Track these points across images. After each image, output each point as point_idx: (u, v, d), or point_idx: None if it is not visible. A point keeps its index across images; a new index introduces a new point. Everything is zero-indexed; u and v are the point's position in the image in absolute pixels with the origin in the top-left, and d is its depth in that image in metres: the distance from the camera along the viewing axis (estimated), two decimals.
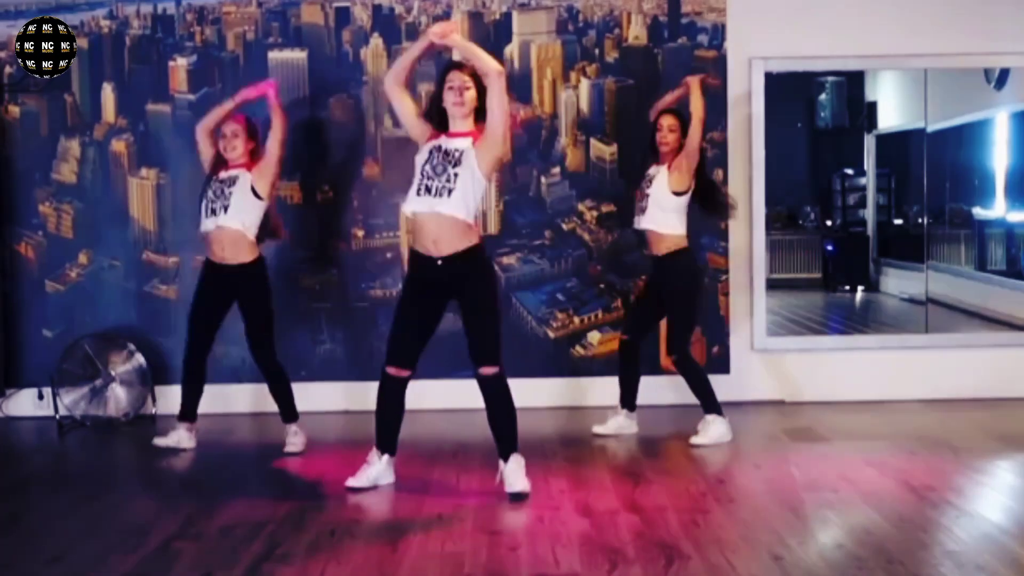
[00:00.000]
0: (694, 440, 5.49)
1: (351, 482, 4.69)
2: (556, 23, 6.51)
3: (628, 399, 5.75)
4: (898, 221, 8.96)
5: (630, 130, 6.48)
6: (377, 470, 4.72)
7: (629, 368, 5.75)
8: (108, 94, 6.50)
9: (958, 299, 7.96)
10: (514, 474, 4.54)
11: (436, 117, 4.68)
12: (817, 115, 9.25)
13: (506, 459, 4.57)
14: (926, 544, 3.91)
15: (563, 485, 4.74)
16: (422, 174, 4.58)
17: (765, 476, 4.99)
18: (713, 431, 5.50)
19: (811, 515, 4.35)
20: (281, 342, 5.66)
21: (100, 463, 5.67)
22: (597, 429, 5.70)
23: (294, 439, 5.51)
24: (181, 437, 5.61)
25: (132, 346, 6.27)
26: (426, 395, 6.23)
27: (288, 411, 5.55)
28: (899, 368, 6.58)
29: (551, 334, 6.44)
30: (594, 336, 6.50)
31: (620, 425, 5.70)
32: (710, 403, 5.55)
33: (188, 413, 5.64)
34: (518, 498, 4.48)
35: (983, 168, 8.29)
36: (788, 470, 5.07)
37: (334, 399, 6.44)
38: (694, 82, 5.67)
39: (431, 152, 4.61)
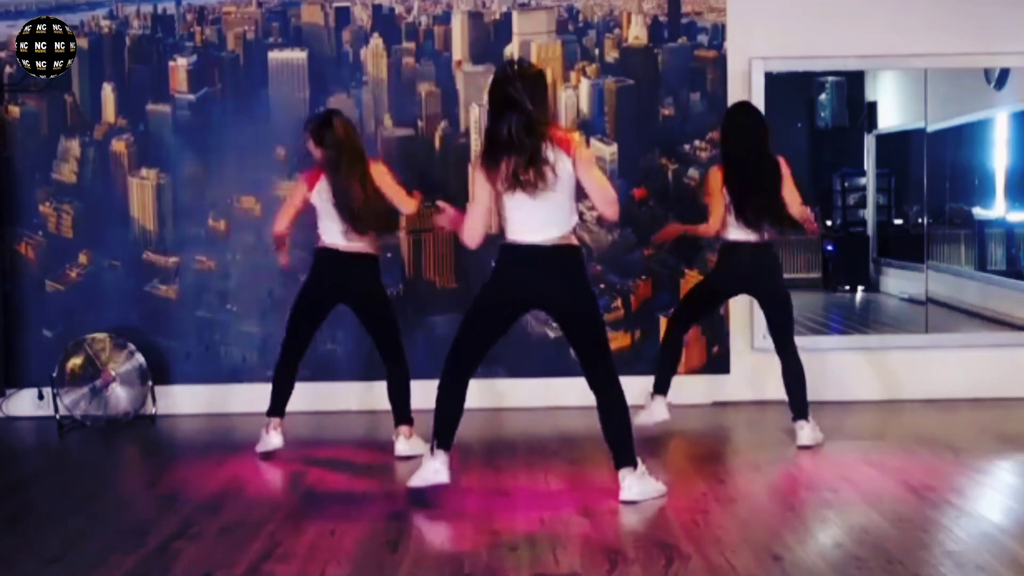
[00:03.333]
0: (639, 417, 5.45)
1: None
2: (556, 23, 6.51)
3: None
4: (898, 221, 8.95)
5: (630, 130, 6.49)
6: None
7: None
8: (108, 94, 6.50)
9: (958, 299, 7.96)
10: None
11: None
12: (817, 115, 9.24)
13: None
14: (926, 544, 3.91)
15: (563, 485, 4.74)
16: None
17: (765, 476, 4.99)
18: (650, 411, 5.52)
19: (811, 515, 4.35)
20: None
21: (100, 463, 5.67)
22: None
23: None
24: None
25: (132, 346, 6.26)
26: (426, 396, 6.25)
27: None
28: (899, 368, 6.58)
29: (551, 334, 6.43)
30: None
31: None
32: (658, 384, 5.58)
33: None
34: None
35: (983, 168, 8.28)
36: (788, 470, 5.08)
37: (334, 399, 6.44)
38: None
39: None
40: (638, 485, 4.44)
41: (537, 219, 4.30)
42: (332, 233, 5.23)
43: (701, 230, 5.63)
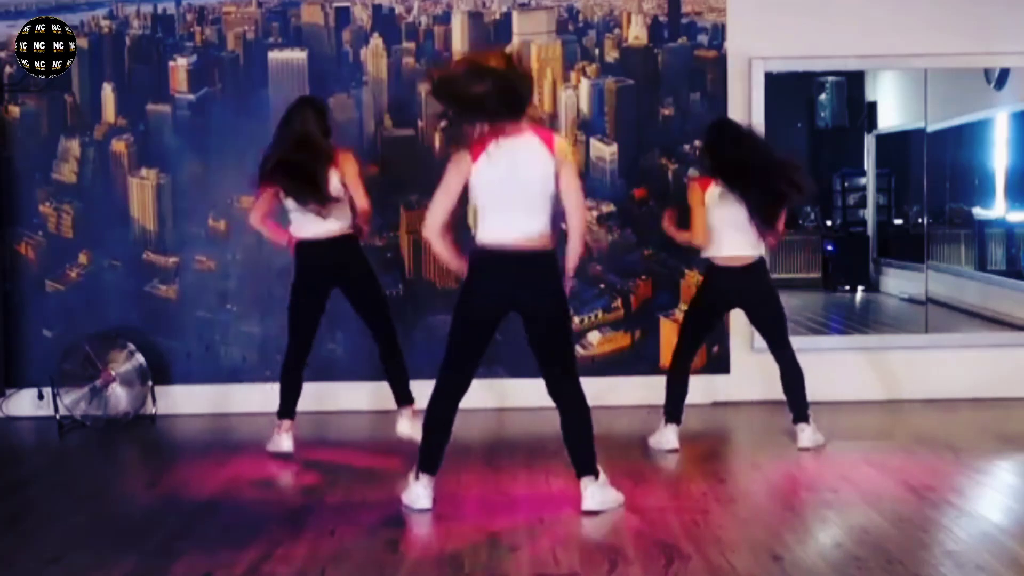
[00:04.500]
0: (650, 440, 5.48)
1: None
2: (556, 23, 6.51)
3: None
4: (898, 221, 8.96)
5: (630, 130, 6.49)
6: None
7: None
8: (108, 94, 6.50)
9: (958, 299, 7.96)
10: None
11: None
12: (817, 115, 9.25)
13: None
14: (926, 544, 3.91)
15: (563, 485, 4.73)
16: None
17: (765, 476, 5.00)
18: (662, 437, 5.45)
19: (811, 515, 4.35)
20: (283, 343, 5.65)
21: (100, 463, 5.67)
22: None
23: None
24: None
25: (132, 346, 6.26)
26: (426, 396, 6.25)
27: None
28: (899, 368, 6.58)
29: None
30: (594, 336, 6.50)
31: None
32: (670, 412, 5.49)
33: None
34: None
35: (983, 168, 8.29)
36: (788, 470, 5.08)
37: (335, 399, 6.44)
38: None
39: None
40: (600, 494, 4.37)
41: (521, 211, 4.23)
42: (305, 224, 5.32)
43: (685, 237, 5.47)
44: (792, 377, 5.43)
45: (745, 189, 5.20)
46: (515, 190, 4.20)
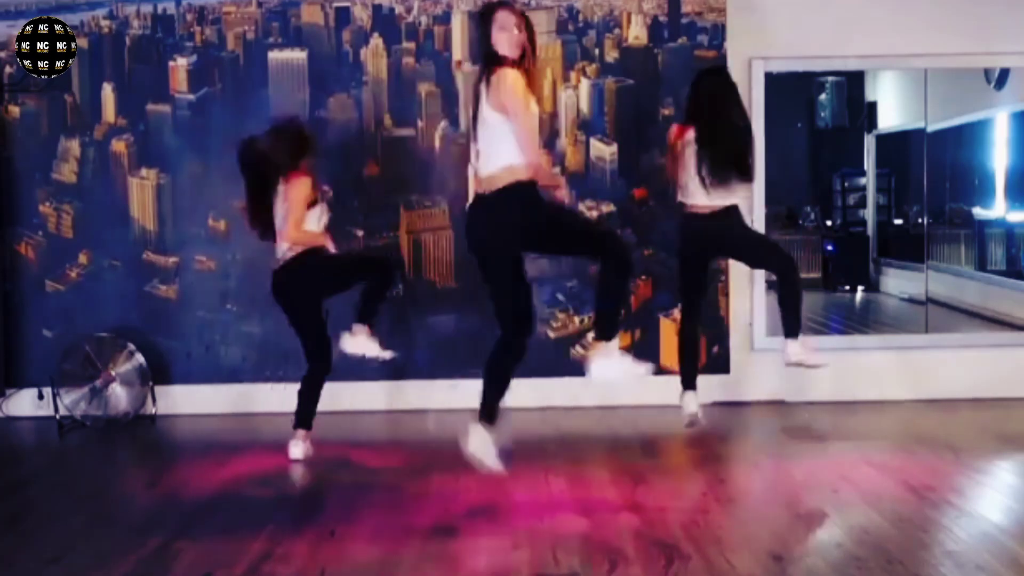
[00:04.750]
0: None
1: None
2: (556, 23, 6.51)
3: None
4: (898, 221, 8.97)
5: (630, 130, 6.49)
6: None
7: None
8: (108, 94, 6.50)
9: (958, 299, 7.96)
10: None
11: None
12: (817, 115, 9.25)
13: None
14: (926, 544, 3.91)
15: (563, 485, 4.74)
16: None
17: (765, 476, 5.00)
18: (683, 406, 5.55)
19: (811, 515, 4.35)
20: (283, 343, 5.65)
21: (100, 463, 5.67)
22: None
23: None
24: None
25: (132, 346, 6.26)
26: (429, 395, 6.25)
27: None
28: (899, 368, 6.58)
29: (551, 334, 6.43)
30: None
31: None
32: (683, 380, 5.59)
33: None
34: None
35: (983, 168, 8.30)
36: (788, 470, 5.08)
37: (337, 399, 6.42)
38: None
39: None
40: (605, 363, 4.41)
41: (481, 153, 4.38)
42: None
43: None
44: (787, 292, 5.43)
45: (700, 144, 5.32)
46: (475, 134, 4.41)
